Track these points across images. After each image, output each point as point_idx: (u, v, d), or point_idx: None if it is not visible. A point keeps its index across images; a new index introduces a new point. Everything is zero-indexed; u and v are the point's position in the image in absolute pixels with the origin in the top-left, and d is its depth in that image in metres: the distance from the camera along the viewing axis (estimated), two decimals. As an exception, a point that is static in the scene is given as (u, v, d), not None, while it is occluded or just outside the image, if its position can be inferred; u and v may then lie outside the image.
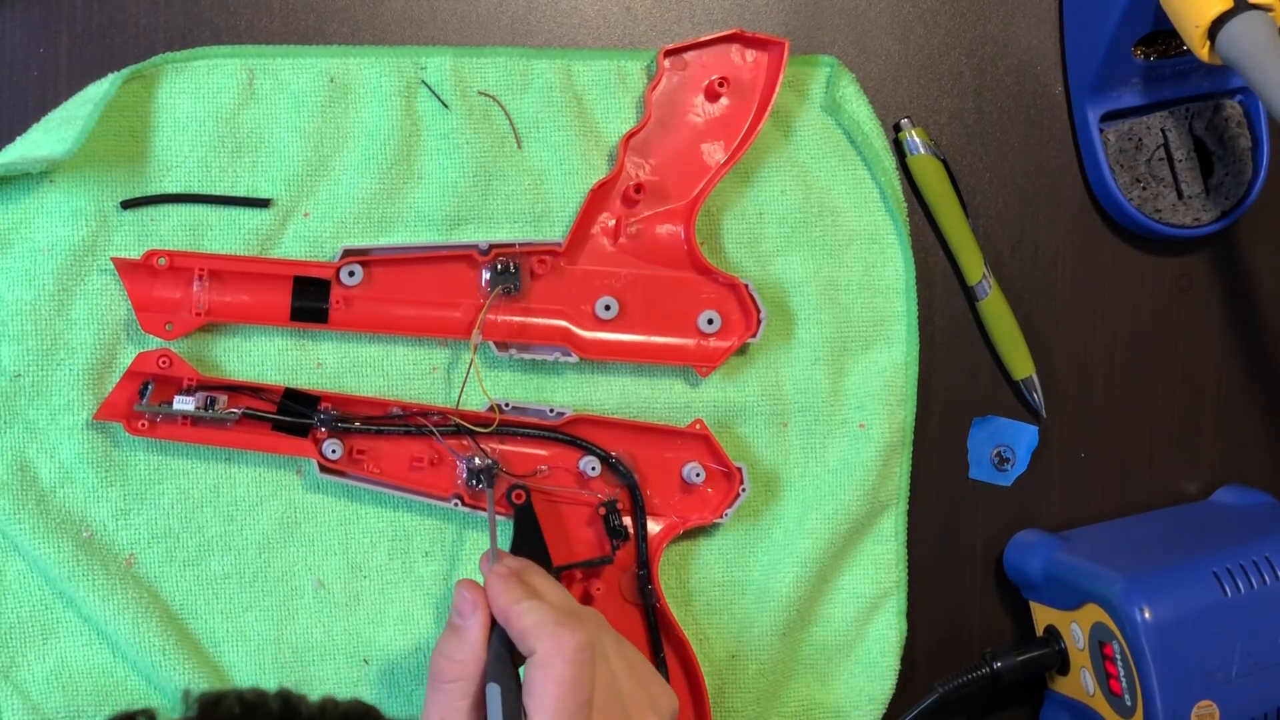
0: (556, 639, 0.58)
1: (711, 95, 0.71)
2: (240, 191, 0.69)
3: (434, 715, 0.59)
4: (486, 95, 0.71)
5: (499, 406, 0.70)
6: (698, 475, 0.71)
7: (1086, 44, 0.74)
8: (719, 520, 0.72)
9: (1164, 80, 0.75)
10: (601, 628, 0.61)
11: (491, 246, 0.69)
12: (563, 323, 0.71)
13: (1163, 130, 0.75)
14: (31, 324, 0.67)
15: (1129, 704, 0.69)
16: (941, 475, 0.77)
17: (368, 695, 0.70)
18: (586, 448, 0.70)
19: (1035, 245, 0.77)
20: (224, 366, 0.69)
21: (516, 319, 0.70)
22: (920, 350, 0.74)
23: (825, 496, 0.73)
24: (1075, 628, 0.72)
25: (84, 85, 0.69)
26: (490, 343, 0.70)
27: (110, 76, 0.68)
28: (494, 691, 0.58)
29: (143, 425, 0.67)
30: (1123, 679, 0.69)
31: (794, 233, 0.73)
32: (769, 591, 0.72)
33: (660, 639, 0.71)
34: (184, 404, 0.67)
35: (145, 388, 0.67)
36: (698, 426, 0.71)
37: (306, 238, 0.69)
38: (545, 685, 0.57)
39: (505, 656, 0.60)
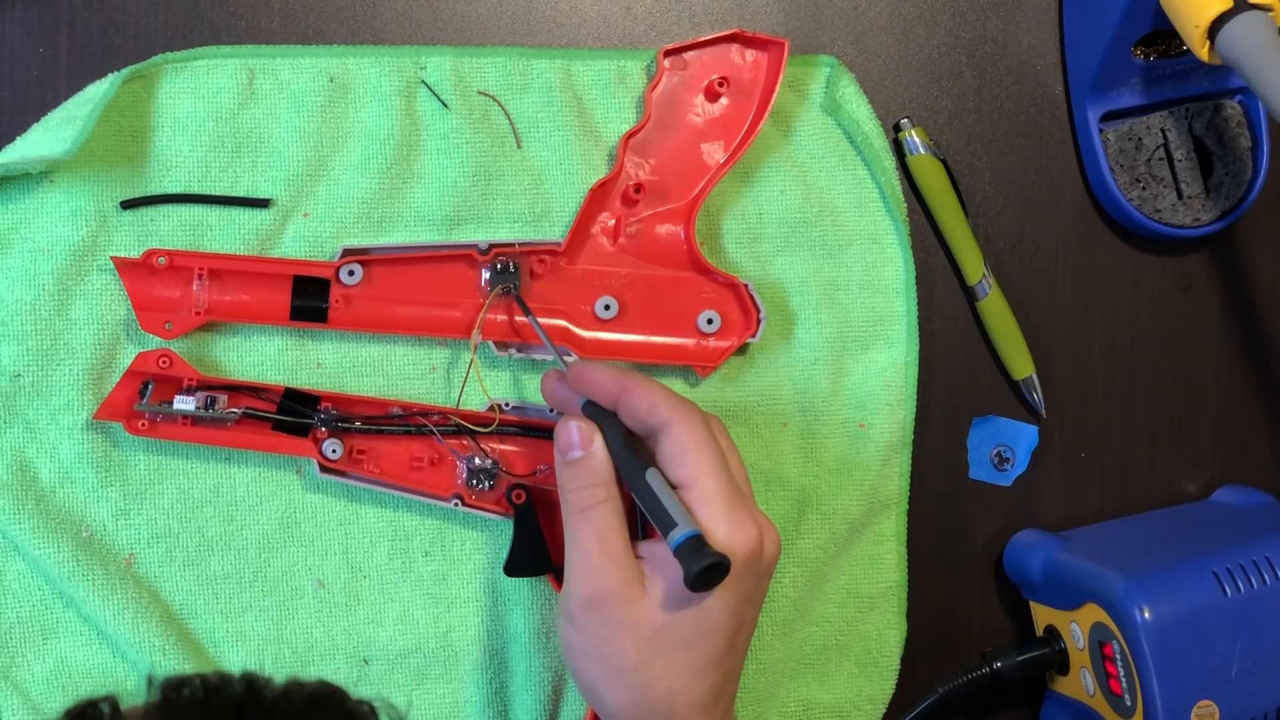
0: (684, 403, 0.61)
1: (711, 95, 0.71)
2: (240, 191, 0.69)
3: (590, 546, 0.60)
4: (486, 95, 0.71)
5: (499, 406, 0.70)
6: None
7: (1086, 44, 0.74)
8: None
9: (1164, 80, 0.75)
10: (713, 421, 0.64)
11: (491, 246, 0.69)
12: (562, 322, 0.71)
13: (1163, 130, 0.75)
14: (31, 324, 0.67)
15: (1129, 704, 0.69)
16: (941, 475, 0.77)
17: (368, 695, 0.70)
18: (586, 448, 0.70)
19: (1035, 245, 0.77)
20: (224, 366, 0.69)
21: (516, 319, 0.70)
22: (920, 350, 0.74)
23: (824, 496, 0.73)
24: (1075, 628, 0.72)
25: (84, 85, 0.69)
26: (490, 342, 0.70)
27: (110, 76, 0.68)
28: (654, 476, 0.60)
29: (143, 425, 0.67)
30: (1123, 679, 0.69)
31: (794, 233, 0.73)
32: (769, 591, 0.72)
33: (660, 639, 0.71)
34: (184, 404, 0.67)
35: (145, 387, 0.67)
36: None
37: (306, 237, 0.69)
38: (697, 447, 0.60)
39: (632, 452, 0.61)
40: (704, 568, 0.56)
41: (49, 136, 0.67)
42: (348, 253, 0.69)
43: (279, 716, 0.44)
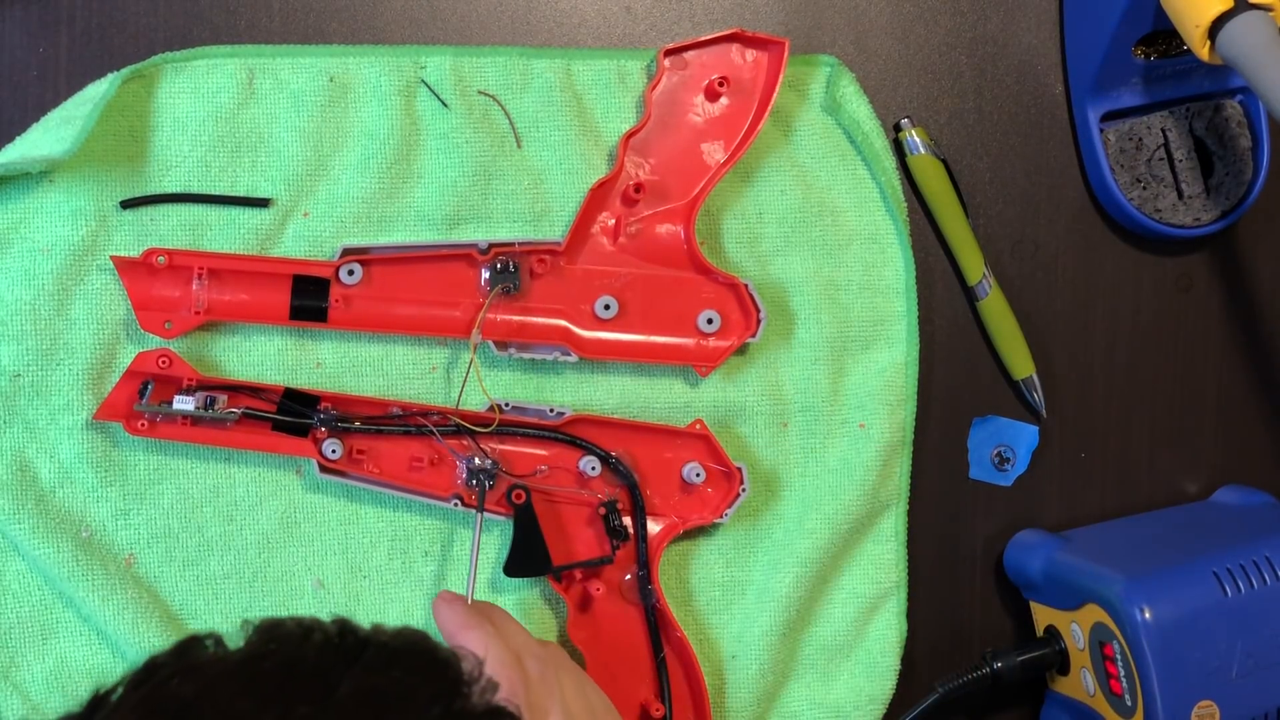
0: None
1: (711, 95, 0.71)
2: (240, 191, 0.69)
3: None
4: (486, 95, 0.71)
5: (499, 406, 0.70)
6: (698, 475, 0.71)
7: (1086, 44, 0.74)
8: (719, 520, 0.72)
9: (1164, 80, 0.75)
10: (560, 667, 0.61)
11: (491, 246, 0.69)
12: (562, 322, 0.71)
13: (1163, 130, 0.75)
14: (31, 324, 0.67)
15: (1129, 704, 0.69)
16: (941, 475, 0.77)
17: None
18: (586, 448, 0.70)
19: (1035, 245, 0.77)
20: (224, 366, 0.69)
21: (516, 318, 0.70)
22: (920, 350, 0.74)
23: (825, 496, 0.73)
24: (1075, 628, 0.72)
25: (84, 85, 0.69)
26: (490, 342, 0.70)
27: (110, 76, 0.68)
28: None
29: (142, 425, 0.67)
30: (1123, 679, 0.69)
31: (794, 233, 0.73)
32: (769, 591, 0.72)
33: (660, 639, 0.71)
34: (184, 404, 0.67)
35: (145, 387, 0.67)
36: (698, 426, 0.71)
37: (306, 237, 0.69)
38: None
39: None
40: None
41: (49, 136, 0.67)
42: (347, 252, 0.69)
43: (372, 649, 0.44)
